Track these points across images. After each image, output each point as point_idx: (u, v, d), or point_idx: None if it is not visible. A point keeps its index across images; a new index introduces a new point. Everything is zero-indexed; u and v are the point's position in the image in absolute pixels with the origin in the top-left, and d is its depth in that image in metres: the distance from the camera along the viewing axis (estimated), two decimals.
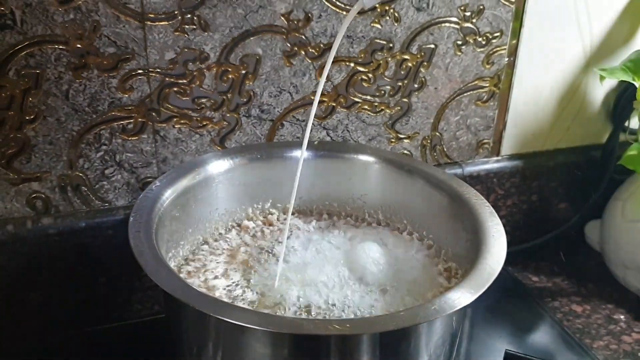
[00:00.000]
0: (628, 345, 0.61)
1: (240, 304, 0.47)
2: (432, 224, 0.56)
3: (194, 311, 0.42)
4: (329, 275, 0.51)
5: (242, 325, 0.39)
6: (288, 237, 0.55)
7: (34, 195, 0.56)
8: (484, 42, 0.65)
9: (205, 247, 0.55)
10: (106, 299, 0.61)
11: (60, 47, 0.52)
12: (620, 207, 0.69)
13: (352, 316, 0.47)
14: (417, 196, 0.56)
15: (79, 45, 0.53)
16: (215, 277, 0.51)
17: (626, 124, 0.72)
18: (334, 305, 0.48)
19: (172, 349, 0.49)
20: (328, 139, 0.63)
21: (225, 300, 0.48)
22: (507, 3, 0.64)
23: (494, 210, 0.50)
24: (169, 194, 0.50)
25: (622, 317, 0.65)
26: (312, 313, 0.47)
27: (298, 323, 0.41)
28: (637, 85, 0.64)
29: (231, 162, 0.55)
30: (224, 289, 0.50)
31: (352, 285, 0.51)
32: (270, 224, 0.58)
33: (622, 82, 0.71)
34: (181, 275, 0.50)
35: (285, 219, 0.58)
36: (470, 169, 0.70)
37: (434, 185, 0.54)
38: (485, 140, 0.70)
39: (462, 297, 0.40)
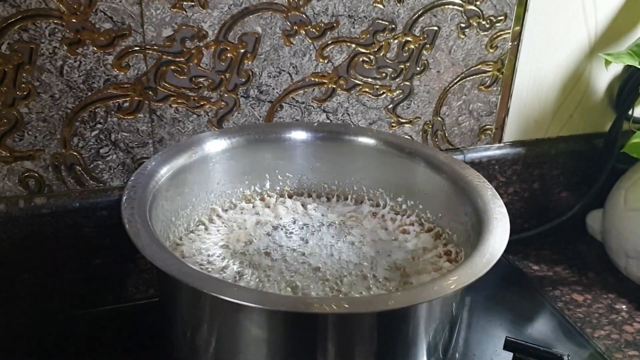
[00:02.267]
0: (630, 335, 0.60)
1: None
2: (433, 207, 0.55)
3: (189, 289, 0.41)
4: (326, 259, 0.51)
5: (239, 303, 0.38)
6: (284, 219, 0.54)
7: (27, 174, 0.55)
8: (487, 26, 0.64)
9: (201, 227, 0.54)
10: (100, 281, 0.60)
11: (55, 21, 0.51)
12: (622, 195, 0.68)
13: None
14: (418, 179, 0.55)
15: (74, 20, 0.51)
16: (211, 257, 0.49)
17: (630, 112, 0.71)
18: (331, 288, 0.48)
19: (165, 332, 0.48)
20: (328, 122, 0.62)
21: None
22: None
23: (496, 192, 0.49)
24: (164, 172, 0.49)
25: (623, 306, 0.64)
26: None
27: (296, 301, 0.40)
28: None
29: (229, 141, 0.54)
30: (220, 270, 0.49)
31: (351, 269, 0.50)
32: (268, 206, 0.57)
33: (626, 69, 0.71)
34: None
35: (283, 201, 0.57)
36: (472, 155, 0.69)
37: (435, 168, 0.53)
38: (487, 126, 0.69)
39: (462, 279, 0.39)
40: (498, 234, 0.44)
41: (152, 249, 0.40)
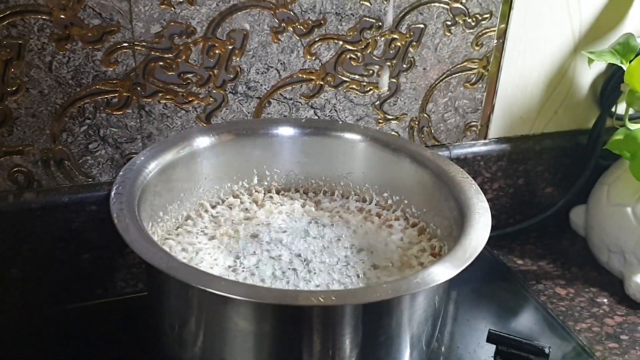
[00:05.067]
0: (610, 328, 0.62)
1: None
2: (418, 202, 0.56)
3: (177, 283, 0.41)
4: (313, 254, 0.51)
5: (226, 296, 0.39)
6: (272, 214, 0.55)
7: (16, 169, 0.56)
8: (473, 24, 0.65)
9: (189, 222, 0.54)
10: (89, 276, 0.60)
11: (44, 17, 0.51)
12: (605, 191, 0.70)
13: None
14: (403, 174, 0.56)
15: (62, 16, 0.52)
16: (199, 252, 0.50)
17: (613, 109, 0.73)
18: (317, 282, 0.48)
19: (153, 325, 0.49)
20: (315, 118, 0.63)
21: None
22: None
23: (479, 188, 0.50)
24: (152, 167, 0.49)
25: (605, 300, 0.65)
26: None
27: (283, 294, 0.40)
28: (624, 68, 0.64)
29: (217, 137, 0.55)
30: (208, 264, 0.49)
31: (337, 264, 0.51)
32: (256, 202, 0.58)
33: (610, 67, 0.71)
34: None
35: (271, 197, 0.58)
36: (458, 151, 0.70)
37: (420, 164, 0.54)
38: (473, 123, 0.70)
39: (444, 271, 0.40)
40: (480, 229, 0.44)
41: (140, 243, 0.40)
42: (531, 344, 0.53)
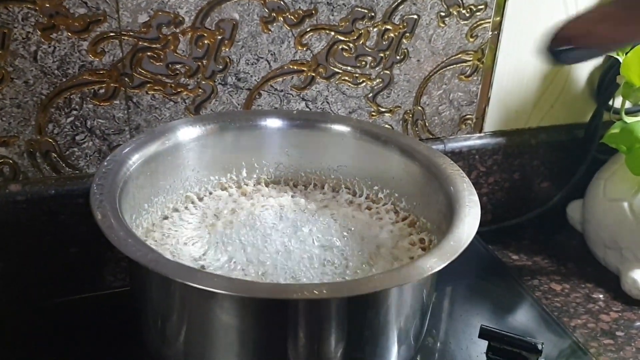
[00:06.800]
0: (606, 324, 0.61)
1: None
2: (408, 195, 0.55)
3: (158, 277, 0.41)
4: (301, 247, 0.50)
5: (210, 291, 0.38)
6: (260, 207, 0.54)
7: (1, 160, 0.55)
8: (467, 15, 0.64)
9: (175, 214, 0.53)
10: (77, 270, 0.59)
11: (28, 6, 0.50)
12: (602, 186, 0.69)
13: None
14: (393, 167, 0.55)
15: (47, 5, 0.51)
16: (184, 245, 0.49)
17: (610, 102, 0.71)
18: (305, 279, 0.47)
19: (136, 321, 0.48)
20: (307, 110, 0.62)
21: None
22: None
23: (469, 181, 0.49)
24: (136, 159, 0.48)
25: (600, 296, 0.65)
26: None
27: (269, 287, 0.40)
28: (621, 60, 0.63)
29: (203, 128, 0.54)
30: (192, 258, 0.49)
31: (325, 258, 0.50)
32: (244, 194, 0.57)
33: (606, 60, 0.71)
34: (147, 242, 0.49)
35: (259, 189, 0.57)
36: (452, 145, 0.69)
37: (409, 156, 0.53)
38: (468, 116, 0.69)
39: (431, 264, 0.39)
40: (468, 222, 0.44)
41: (119, 236, 0.40)
42: (524, 340, 0.53)
